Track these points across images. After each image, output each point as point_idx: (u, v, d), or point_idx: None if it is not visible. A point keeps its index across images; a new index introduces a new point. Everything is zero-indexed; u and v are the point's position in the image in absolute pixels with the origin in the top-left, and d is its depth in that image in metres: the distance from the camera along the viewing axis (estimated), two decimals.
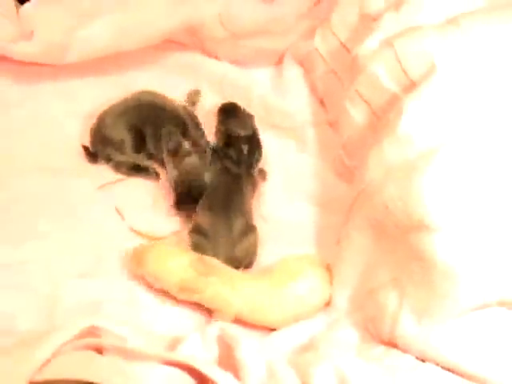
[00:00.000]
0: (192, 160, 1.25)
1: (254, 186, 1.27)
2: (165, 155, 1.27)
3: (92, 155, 1.30)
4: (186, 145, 1.25)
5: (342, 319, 1.09)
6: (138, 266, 1.13)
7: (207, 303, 1.10)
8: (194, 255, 1.13)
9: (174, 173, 1.25)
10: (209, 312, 1.12)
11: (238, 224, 1.18)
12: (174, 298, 1.12)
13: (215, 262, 1.12)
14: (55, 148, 1.31)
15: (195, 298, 1.10)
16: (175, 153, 1.25)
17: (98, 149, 1.30)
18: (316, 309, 1.12)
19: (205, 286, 1.09)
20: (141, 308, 1.13)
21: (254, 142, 1.29)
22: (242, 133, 1.28)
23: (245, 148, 1.26)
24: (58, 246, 1.18)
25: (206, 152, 1.27)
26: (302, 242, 1.23)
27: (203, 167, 1.25)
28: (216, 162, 1.26)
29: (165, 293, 1.12)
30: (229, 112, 1.32)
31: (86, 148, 1.30)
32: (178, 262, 1.11)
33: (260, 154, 1.29)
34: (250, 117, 1.32)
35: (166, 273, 1.11)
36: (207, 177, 1.24)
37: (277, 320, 1.10)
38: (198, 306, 1.12)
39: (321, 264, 1.15)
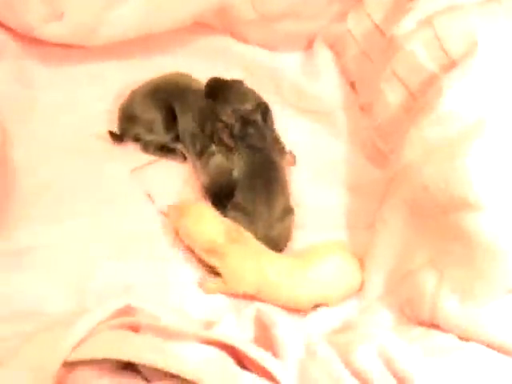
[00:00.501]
0: (218, 160, 1.21)
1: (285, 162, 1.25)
2: (192, 158, 1.25)
3: (118, 137, 1.28)
4: (211, 146, 1.22)
5: (375, 304, 1.08)
6: (177, 218, 1.14)
7: (225, 272, 1.10)
8: (232, 224, 1.13)
9: (202, 175, 1.22)
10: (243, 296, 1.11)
11: (280, 204, 1.16)
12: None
13: (249, 236, 1.12)
14: (84, 131, 1.30)
15: (217, 263, 1.10)
16: (201, 155, 1.22)
17: (126, 128, 1.28)
18: (342, 294, 1.10)
19: (230, 252, 1.09)
20: (171, 291, 1.12)
21: (263, 110, 1.27)
22: (250, 106, 1.26)
23: (259, 120, 1.24)
24: (88, 229, 1.17)
25: (231, 147, 1.22)
26: (333, 227, 1.22)
27: (230, 165, 1.21)
28: (239, 145, 1.23)
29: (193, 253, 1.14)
30: (221, 89, 1.29)
31: (111, 132, 1.28)
32: (215, 224, 1.11)
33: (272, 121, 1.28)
34: (241, 84, 1.31)
35: (200, 230, 1.11)
36: (236, 172, 1.21)
37: (298, 302, 1.09)
38: None
39: (350, 251, 1.14)
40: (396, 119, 1.19)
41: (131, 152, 1.29)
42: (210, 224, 1.11)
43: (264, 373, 0.83)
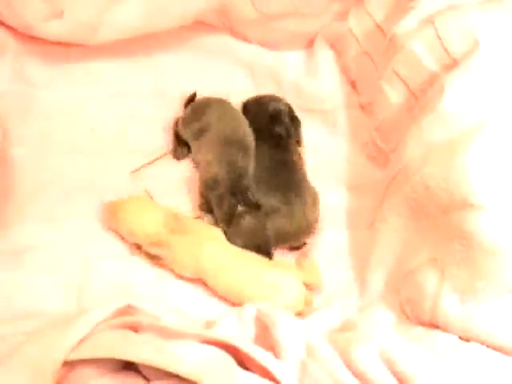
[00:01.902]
0: (249, 221, 1.15)
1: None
2: (220, 223, 1.17)
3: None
4: (239, 206, 1.15)
5: (375, 303, 1.08)
6: (111, 219, 1.14)
7: (171, 262, 1.11)
8: (171, 214, 1.13)
9: (239, 241, 1.14)
10: None
11: (310, 193, 1.19)
12: (204, 284, 1.12)
13: (189, 221, 1.13)
14: (83, 130, 1.30)
15: (163, 253, 1.11)
16: (230, 219, 1.15)
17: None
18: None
19: (171, 242, 1.10)
20: (171, 291, 1.12)
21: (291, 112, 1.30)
22: (282, 106, 1.28)
23: (288, 120, 1.27)
24: (88, 229, 1.17)
25: (258, 207, 1.16)
26: (333, 227, 1.22)
27: (262, 223, 1.16)
28: (261, 144, 1.24)
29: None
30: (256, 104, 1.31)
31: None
32: (153, 215, 1.12)
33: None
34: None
35: (140, 224, 1.11)
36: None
37: (232, 294, 1.09)
38: None
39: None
40: (397, 118, 1.18)
41: (131, 151, 1.28)
42: (149, 216, 1.12)
43: (265, 373, 0.83)
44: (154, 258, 1.13)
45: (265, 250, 1.14)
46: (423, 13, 1.11)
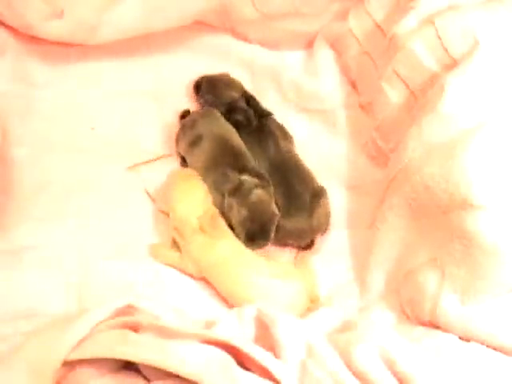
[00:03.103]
0: (258, 194, 1.14)
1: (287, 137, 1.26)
2: (226, 199, 1.15)
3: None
4: (247, 178, 1.15)
5: (376, 303, 1.08)
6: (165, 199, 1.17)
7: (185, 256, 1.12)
8: (212, 212, 1.13)
9: (242, 212, 1.13)
10: None
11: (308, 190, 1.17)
12: (205, 281, 1.12)
13: (225, 230, 1.12)
14: (83, 130, 1.30)
15: (180, 241, 1.13)
16: (235, 192, 1.14)
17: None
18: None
19: (194, 241, 1.10)
20: (170, 291, 1.12)
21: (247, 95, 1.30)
22: (236, 94, 1.28)
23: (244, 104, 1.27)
24: (88, 228, 1.17)
25: (265, 177, 1.17)
26: (333, 227, 1.22)
27: (270, 197, 1.15)
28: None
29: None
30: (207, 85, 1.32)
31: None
32: (196, 204, 1.13)
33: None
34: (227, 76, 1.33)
35: (180, 204, 1.13)
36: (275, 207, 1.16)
37: (235, 294, 1.09)
38: None
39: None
40: (397, 118, 1.18)
41: (131, 151, 1.28)
42: (192, 203, 1.12)
43: (265, 373, 0.83)
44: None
45: (265, 229, 1.13)
46: (423, 13, 1.11)
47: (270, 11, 1.34)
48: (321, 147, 1.32)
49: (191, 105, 1.35)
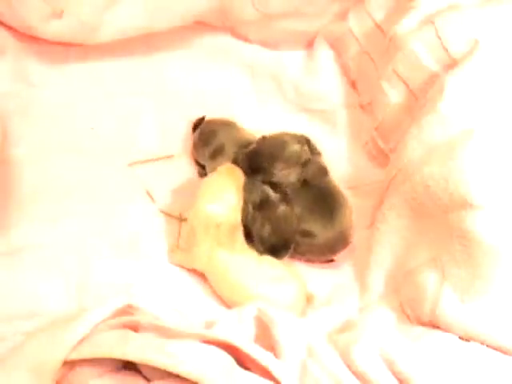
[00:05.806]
0: (282, 210, 1.14)
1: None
2: (250, 211, 1.14)
3: None
4: (272, 193, 1.14)
5: (376, 303, 1.08)
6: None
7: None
8: (236, 220, 1.11)
9: (266, 227, 1.12)
10: None
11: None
12: (205, 281, 1.12)
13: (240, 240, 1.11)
14: (83, 130, 1.29)
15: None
16: (261, 206, 1.14)
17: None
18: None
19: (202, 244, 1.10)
20: (170, 291, 1.12)
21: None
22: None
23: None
24: (88, 228, 1.17)
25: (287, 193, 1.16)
26: None
27: (293, 213, 1.14)
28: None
29: None
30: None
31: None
32: (224, 209, 1.11)
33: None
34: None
35: (205, 203, 1.11)
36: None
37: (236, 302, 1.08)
38: None
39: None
40: (397, 118, 1.18)
41: (131, 151, 1.28)
42: (224, 203, 1.11)
43: (265, 373, 0.83)
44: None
45: (286, 245, 1.13)
46: (423, 13, 1.11)
47: (270, 11, 1.34)
48: (321, 147, 1.31)
49: (191, 104, 1.35)
